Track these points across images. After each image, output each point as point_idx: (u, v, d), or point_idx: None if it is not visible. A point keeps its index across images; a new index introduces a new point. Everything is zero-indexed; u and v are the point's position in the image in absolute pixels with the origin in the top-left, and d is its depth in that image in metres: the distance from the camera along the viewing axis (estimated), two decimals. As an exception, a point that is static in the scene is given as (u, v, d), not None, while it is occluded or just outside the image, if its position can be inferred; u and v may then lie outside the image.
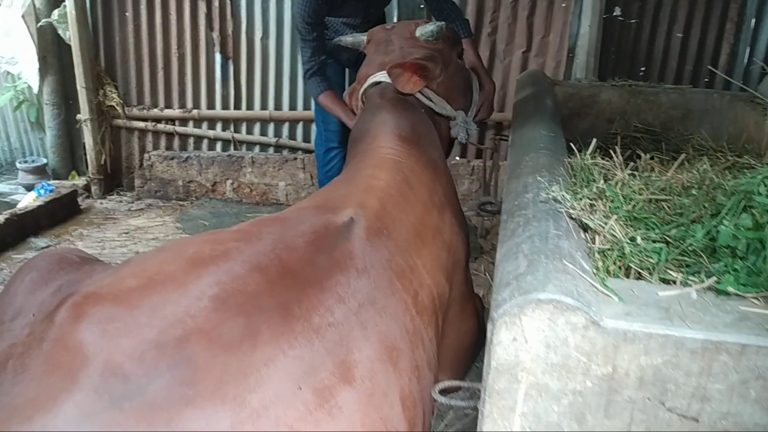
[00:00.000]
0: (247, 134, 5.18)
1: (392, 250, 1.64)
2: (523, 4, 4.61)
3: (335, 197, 1.75)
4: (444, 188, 2.02)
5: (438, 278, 1.78)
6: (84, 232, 4.52)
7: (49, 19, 5.04)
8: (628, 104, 3.91)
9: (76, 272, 1.45)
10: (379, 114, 2.09)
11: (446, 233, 1.90)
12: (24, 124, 5.94)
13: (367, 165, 1.89)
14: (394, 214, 1.72)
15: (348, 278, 1.46)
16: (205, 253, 1.33)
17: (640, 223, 1.64)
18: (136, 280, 1.24)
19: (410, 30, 2.31)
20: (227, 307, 1.21)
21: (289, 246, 1.43)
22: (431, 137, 2.15)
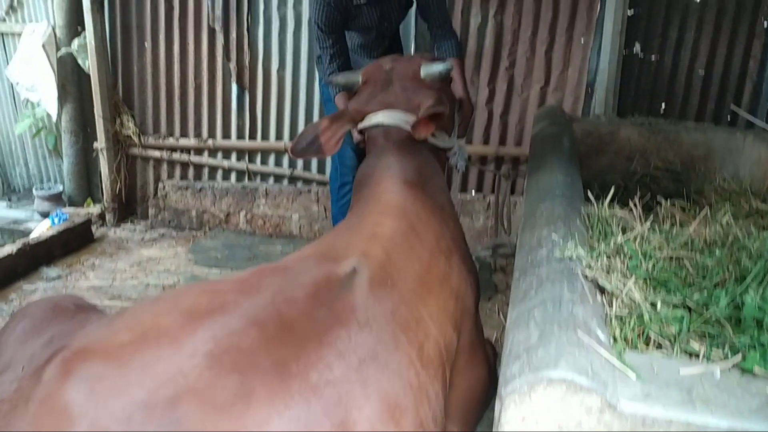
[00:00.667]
0: (261, 165, 5.16)
1: (396, 301, 1.57)
2: (541, 38, 4.56)
3: (338, 245, 1.69)
4: (452, 232, 1.96)
5: (445, 328, 1.71)
6: (96, 262, 4.50)
7: (69, 48, 5.09)
8: (649, 142, 3.84)
9: (70, 322, 1.42)
10: (384, 158, 2.03)
11: (454, 280, 1.82)
12: (42, 151, 5.98)
13: (371, 211, 1.83)
14: (400, 263, 1.66)
15: (349, 332, 1.40)
16: (202, 306, 1.29)
17: (660, 285, 1.56)
18: (129, 334, 1.20)
19: (413, 69, 2.20)
20: (221, 364, 1.16)
21: (288, 299, 1.38)
22: (437, 180, 2.09)
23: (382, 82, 2.21)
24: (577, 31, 4.51)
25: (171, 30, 4.99)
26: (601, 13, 4.41)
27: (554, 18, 4.50)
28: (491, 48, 4.62)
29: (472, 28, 4.61)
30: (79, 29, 5.08)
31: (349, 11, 3.14)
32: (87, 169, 5.58)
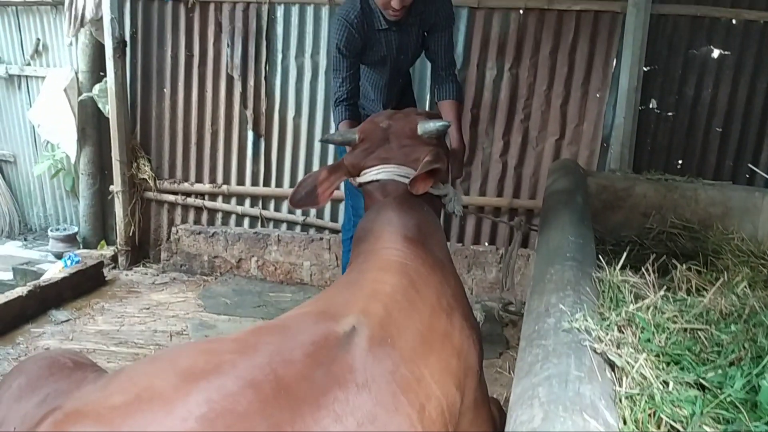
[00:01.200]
0: (275, 211, 5.17)
1: (397, 360, 1.53)
2: (556, 92, 4.57)
3: (338, 302, 1.66)
4: (453, 289, 1.92)
5: (448, 388, 1.66)
6: (105, 305, 4.48)
7: (90, 93, 5.19)
8: (665, 199, 3.79)
9: (66, 380, 1.40)
10: (384, 213, 2.02)
11: (456, 338, 1.78)
12: (60, 192, 6.05)
13: (371, 267, 1.80)
14: (400, 321, 1.62)
15: (347, 394, 1.37)
16: (198, 367, 1.27)
17: (673, 361, 1.50)
18: (122, 397, 1.19)
19: (410, 127, 2.22)
20: (215, 429, 1.14)
21: (286, 359, 1.35)
22: (438, 236, 2.07)
23: (380, 139, 2.23)
24: (593, 86, 4.51)
25: (190, 77, 5.07)
26: (617, 69, 4.42)
27: (569, 72, 4.51)
28: (506, 100, 4.64)
29: (488, 81, 4.63)
30: (101, 74, 5.19)
31: (369, 37, 3.16)
32: (102, 212, 5.62)
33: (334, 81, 3.22)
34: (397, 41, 3.26)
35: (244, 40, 4.91)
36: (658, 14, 4.32)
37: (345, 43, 3.10)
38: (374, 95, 3.53)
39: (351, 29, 3.08)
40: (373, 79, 3.48)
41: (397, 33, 3.23)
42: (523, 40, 4.53)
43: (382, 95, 3.52)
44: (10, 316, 4.03)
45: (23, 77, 5.81)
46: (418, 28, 3.26)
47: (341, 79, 3.17)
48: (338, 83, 3.19)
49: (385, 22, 3.13)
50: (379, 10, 3.07)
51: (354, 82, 3.21)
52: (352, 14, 3.08)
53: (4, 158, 6.20)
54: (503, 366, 3.65)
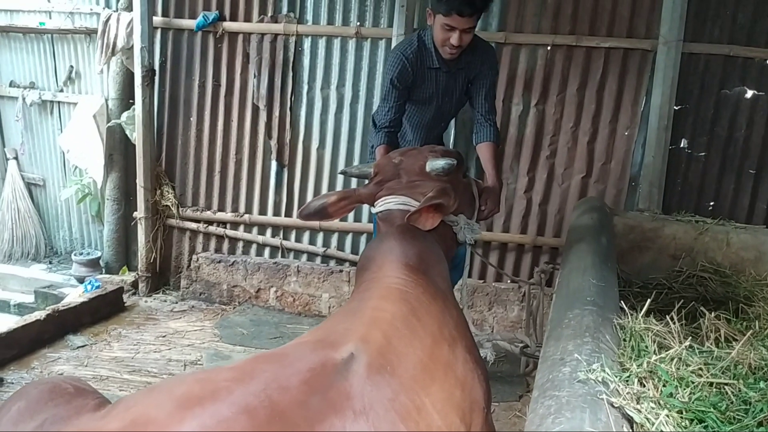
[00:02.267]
0: (295, 242, 5.14)
1: (396, 388, 1.48)
2: (584, 129, 4.49)
3: (337, 331, 1.63)
4: (455, 320, 1.87)
5: (451, 419, 1.59)
6: (122, 332, 4.47)
7: (119, 120, 5.24)
8: (695, 241, 3.67)
9: (65, 406, 1.38)
10: (386, 241, 2.01)
11: (459, 369, 1.71)
12: (86, 217, 6.09)
13: (372, 296, 1.77)
14: (400, 349, 1.58)
15: (344, 422, 1.33)
16: (194, 394, 1.26)
17: (697, 418, 1.39)
18: (117, 423, 1.19)
19: (420, 165, 2.26)
20: None
21: (282, 386, 1.33)
22: (440, 267, 2.03)
23: (391, 174, 2.28)
24: (621, 124, 4.43)
25: (217, 106, 5.11)
26: (646, 107, 4.34)
27: (597, 110, 4.44)
28: (532, 136, 4.57)
29: (513, 116, 4.58)
30: (130, 102, 5.25)
31: (421, 74, 3.32)
32: (126, 237, 5.64)
33: (381, 108, 3.40)
34: (444, 83, 3.39)
35: (270, 71, 4.94)
36: (689, 53, 4.23)
37: (398, 76, 3.27)
38: (411, 135, 3.59)
39: (406, 63, 3.25)
40: (414, 119, 3.56)
41: (446, 75, 3.36)
42: (550, 77, 4.48)
43: (420, 136, 3.58)
44: (27, 339, 4.03)
45: (56, 103, 5.91)
46: (464, 75, 3.40)
47: (388, 107, 3.34)
48: (384, 111, 3.35)
49: (438, 61, 3.28)
50: (433, 49, 3.25)
51: (399, 113, 3.36)
52: (408, 50, 3.27)
53: (34, 182, 6.29)
54: (522, 410, 3.51)
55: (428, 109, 3.50)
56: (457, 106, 3.61)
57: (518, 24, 4.49)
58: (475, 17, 3.02)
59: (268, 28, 4.90)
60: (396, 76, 3.27)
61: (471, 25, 3.05)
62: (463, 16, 2.96)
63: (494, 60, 3.47)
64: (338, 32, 4.80)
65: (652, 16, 4.26)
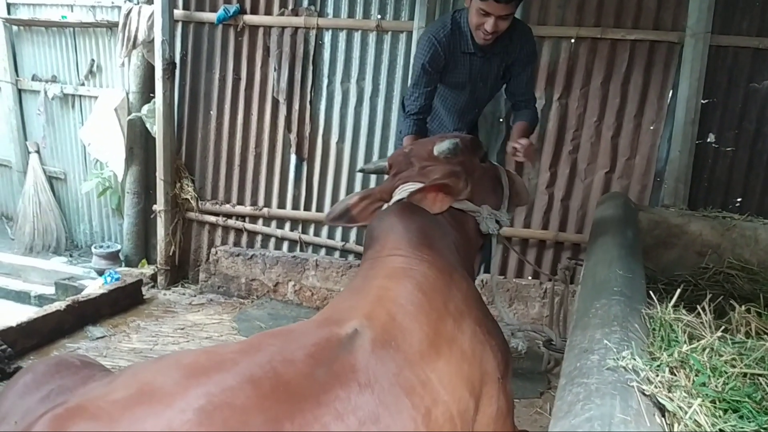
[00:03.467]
0: (314, 236, 5.11)
1: (401, 363, 1.51)
2: (607, 124, 4.42)
3: (342, 309, 1.66)
4: (463, 294, 1.86)
5: (459, 393, 1.61)
6: (141, 324, 4.47)
7: (139, 113, 5.26)
8: (722, 238, 3.58)
9: (72, 377, 1.41)
10: (387, 219, 2.00)
11: (466, 343, 1.72)
12: (106, 210, 6.13)
13: (376, 274, 1.79)
14: (405, 325, 1.60)
15: (349, 393, 1.36)
16: (200, 364, 1.29)
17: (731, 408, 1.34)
18: (123, 392, 1.21)
19: (427, 150, 2.23)
20: (212, 421, 1.15)
21: (286, 359, 1.36)
22: (446, 242, 2.01)
23: (405, 164, 2.25)
24: (647, 118, 4.34)
25: (237, 100, 5.10)
26: (673, 101, 4.25)
27: (622, 103, 4.36)
28: (554, 131, 4.50)
29: (536, 110, 4.51)
30: (151, 95, 5.26)
31: (454, 58, 3.23)
32: (145, 230, 5.65)
33: (410, 94, 3.32)
34: (478, 68, 3.30)
35: (290, 65, 4.92)
36: (717, 45, 4.14)
37: (430, 60, 3.19)
38: (447, 119, 3.54)
39: (438, 48, 3.16)
40: (448, 103, 3.50)
41: (481, 60, 3.27)
42: (574, 70, 4.41)
43: (454, 120, 3.53)
44: (48, 329, 4.04)
45: (77, 96, 5.95)
46: (500, 60, 3.31)
47: (418, 93, 3.27)
48: (414, 97, 3.29)
49: (473, 46, 3.18)
50: (468, 33, 3.14)
51: (428, 100, 3.29)
52: (441, 33, 3.17)
53: (55, 175, 6.34)
54: (543, 407, 3.46)
55: (462, 93, 3.43)
56: (492, 92, 3.53)
57: (541, 16, 4.43)
58: (512, 4, 2.91)
59: (288, 22, 4.88)
60: (428, 61, 3.18)
61: (508, 12, 2.94)
62: (499, 2, 2.86)
63: (533, 45, 3.35)
64: (359, 25, 4.77)
65: (680, 7, 4.17)
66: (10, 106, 6.33)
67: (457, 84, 3.37)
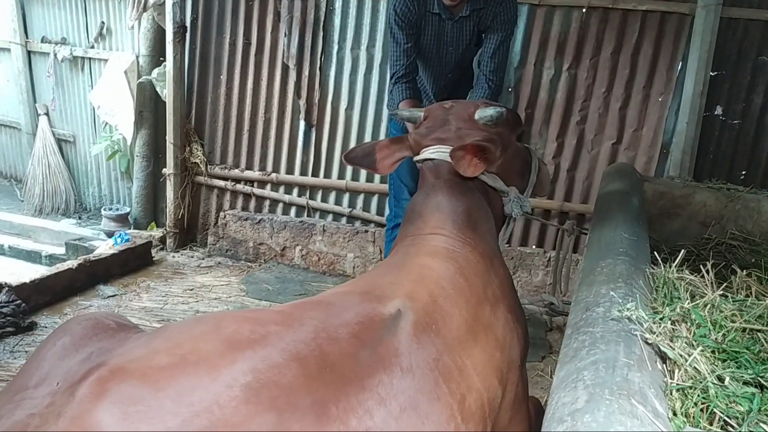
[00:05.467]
0: (321, 202, 5.17)
1: (440, 348, 1.51)
2: (616, 95, 4.43)
3: (383, 284, 1.64)
4: (500, 280, 1.87)
5: (490, 381, 1.62)
6: (151, 284, 4.55)
7: (149, 76, 5.28)
8: (726, 209, 3.62)
9: (110, 339, 1.39)
10: (433, 196, 1.97)
11: (499, 331, 1.74)
12: (115, 173, 6.19)
13: (419, 252, 1.78)
14: (445, 309, 1.60)
15: (391, 378, 1.35)
16: (243, 335, 1.26)
17: (730, 358, 1.40)
18: (167, 358, 1.18)
19: (469, 112, 2.16)
20: (259, 399, 1.13)
21: (331, 336, 1.35)
22: (489, 225, 2.00)
23: (441, 120, 2.18)
24: (655, 90, 4.36)
25: (247, 65, 5.11)
26: (682, 73, 4.26)
27: (631, 74, 4.37)
28: (563, 101, 4.52)
29: (544, 80, 4.53)
30: (161, 59, 5.27)
31: (422, 18, 3.19)
32: (154, 194, 5.71)
33: (393, 54, 3.27)
34: (448, 32, 3.24)
35: (301, 30, 4.93)
36: (728, 17, 4.14)
37: (400, 13, 3.15)
38: (427, 84, 3.52)
39: (407, 1, 3.13)
40: (422, 67, 3.48)
41: (450, 23, 3.21)
42: (584, 40, 4.41)
43: (431, 86, 3.51)
44: (60, 287, 4.13)
45: (87, 59, 5.97)
46: (473, 25, 3.22)
47: (400, 51, 3.22)
48: (396, 56, 3.24)
49: (437, 6, 3.13)
50: None
51: (411, 57, 3.23)
52: None
53: (65, 138, 6.38)
54: (545, 370, 3.54)
55: (432, 58, 3.36)
56: (465, 57, 3.45)
57: (553, -15, 4.42)
58: None
59: (299, -14, 4.88)
60: (399, 13, 3.15)
61: None
62: None
63: (510, 14, 3.21)
64: (370, -8, 4.76)
65: (692, -22, 4.17)
66: (20, 68, 6.36)
67: (426, 46, 3.31)
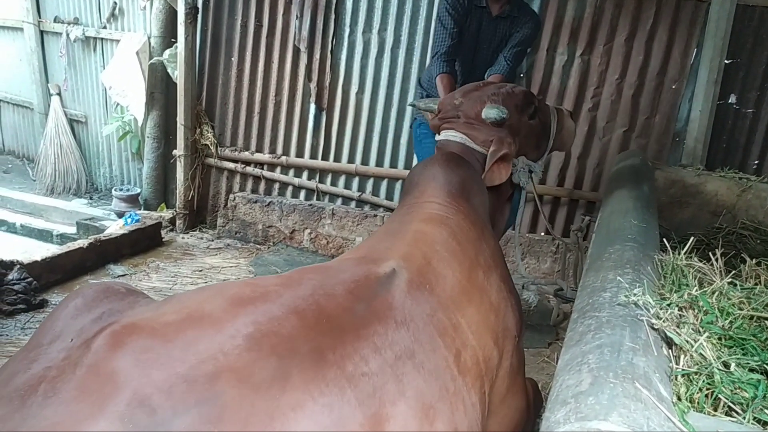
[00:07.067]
0: (331, 185, 5.17)
1: (434, 305, 1.59)
2: (629, 82, 4.39)
3: (379, 249, 1.74)
4: (491, 250, 1.97)
5: (485, 341, 1.70)
6: (161, 264, 4.58)
7: (161, 57, 5.28)
8: (737, 198, 3.60)
9: (120, 302, 1.48)
10: (431, 167, 2.10)
11: (493, 295, 1.83)
12: (126, 154, 6.21)
13: (413, 219, 1.88)
14: (439, 269, 1.68)
15: (386, 329, 1.43)
16: (245, 294, 1.35)
17: (736, 345, 1.40)
18: (174, 315, 1.27)
19: (476, 111, 2.29)
20: (260, 347, 1.21)
21: (328, 292, 1.43)
22: (481, 198, 2.11)
23: (452, 114, 2.34)
24: (669, 77, 4.32)
25: (258, 47, 5.10)
26: (696, 60, 4.22)
27: (645, 61, 4.33)
28: (575, 88, 4.49)
29: (557, 66, 4.50)
30: (172, 40, 5.27)
31: (469, 11, 3.43)
32: (165, 175, 5.73)
33: (438, 35, 3.45)
34: (485, 27, 3.47)
35: (312, 13, 4.90)
36: (744, 5, 4.09)
37: (452, 3, 3.38)
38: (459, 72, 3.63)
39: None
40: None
41: (488, 21, 3.44)
42: (598, 26, 4.37)
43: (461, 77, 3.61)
44: (71, 265, 4.16)
45: (99, 40, 5.97)
46: (505, 29, 3.48)
47: (446, 33, 3.40)
48: (442, 38, 3.41)
49: (485, 1, 3.40)
50: None
51: (456, 40, 3.41)
52: None
53: (76, 118, 6.40)
54: (551, 356, 3.54)
55: (466, 52, 3.52)
56: (491, 59, 3.61)
57: (568, -30, 4.38)
58: None
59: (311, -32, 4.85)
60: (451, 5, 3.36)
61: None
62: None
63: (535, 32, 3.62)
64: (382, -26, 4.73)
65: (708, -35, 4.12)
66: (32, 48, 6.37)
67: (465, 39, 3.49)
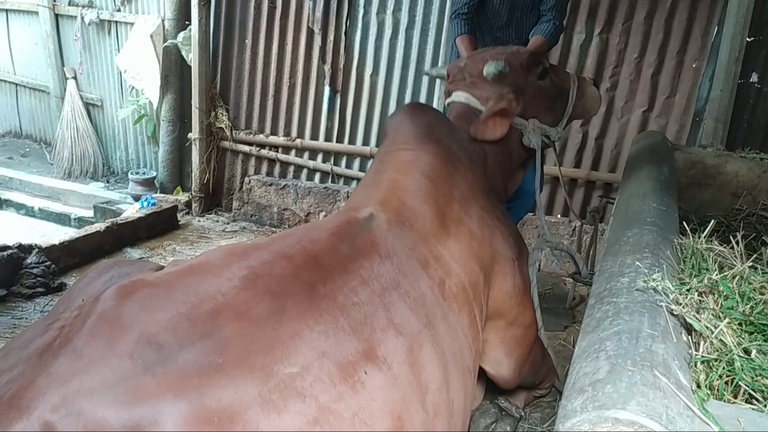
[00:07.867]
0: (346, 168, 5.15)
1: (415, 239, 1.73)
2: (649, 61, 4.31)
3: (357, 200, 1.90)
4: (468, 184, 2.07)
5: (470, 267, 1.86)
6: (177, 247, 4.61)
7: (175, 40, 5.26)
8: (759, 179, 3.53)
9: (130, 266, 1.62)
10: (396, 116, 2.25)
11: (474, 225, 1.96)
12: (142, 138, 6.23)
13: (386, 168, 2.01)
14: (415, 207, 1.83)
15: (371, 263, 1.55)
16: (239, 248, 1.51)
17: (757, 331, 1.37)
18: (176, 269, 1.42)
19: (478, 69, 2.42)
20: (255, 286, 1.34)
21: (313, 238, 1.56)
22: (453, 136, 2.19)
23: (459, 76, 2.49)
24: (689, 56, 4.23)
25: (272, 29, 5.07)
26: (717, 38, 4.12)
27: (665, 40, 4.24)
28: (593, 67, 4.42)
29: (575, 45, 4.42)
30: (186, 23, 5.25)
31: None
32: (180, 159, 5.75)
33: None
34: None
35: (326, -6, 4.87)
36: (767, -19, 3.99)
37: None
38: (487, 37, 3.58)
39: None
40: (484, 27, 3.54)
41: None
42: (617, 3, 4.28)
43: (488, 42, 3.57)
44: (88, 248, 4.20)
45: (113, 23, 5.97)
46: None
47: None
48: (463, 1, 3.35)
49: None
50: None
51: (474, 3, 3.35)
52: None
53: (92, 102, 6.43)
54: (567, 339, 3.53)
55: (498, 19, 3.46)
56: (528, 28, 3.50)
57: (586, -54, 4.29)
58: None
59: (325, -52, 4.80)
60: None
61: None
62: None
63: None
64: (397, -47, 4.67)
65: (731, -60, 4.01)
66: (48, 31, 6.39)
67: (495, 5, 3.41)
